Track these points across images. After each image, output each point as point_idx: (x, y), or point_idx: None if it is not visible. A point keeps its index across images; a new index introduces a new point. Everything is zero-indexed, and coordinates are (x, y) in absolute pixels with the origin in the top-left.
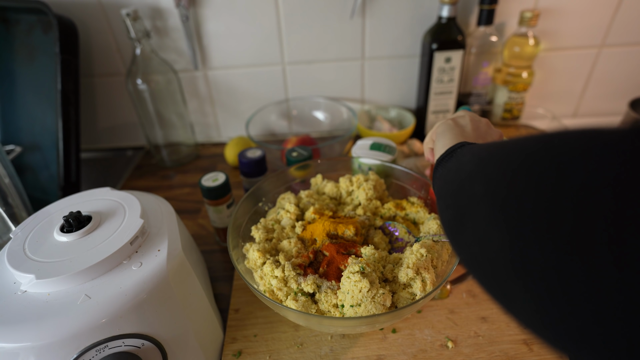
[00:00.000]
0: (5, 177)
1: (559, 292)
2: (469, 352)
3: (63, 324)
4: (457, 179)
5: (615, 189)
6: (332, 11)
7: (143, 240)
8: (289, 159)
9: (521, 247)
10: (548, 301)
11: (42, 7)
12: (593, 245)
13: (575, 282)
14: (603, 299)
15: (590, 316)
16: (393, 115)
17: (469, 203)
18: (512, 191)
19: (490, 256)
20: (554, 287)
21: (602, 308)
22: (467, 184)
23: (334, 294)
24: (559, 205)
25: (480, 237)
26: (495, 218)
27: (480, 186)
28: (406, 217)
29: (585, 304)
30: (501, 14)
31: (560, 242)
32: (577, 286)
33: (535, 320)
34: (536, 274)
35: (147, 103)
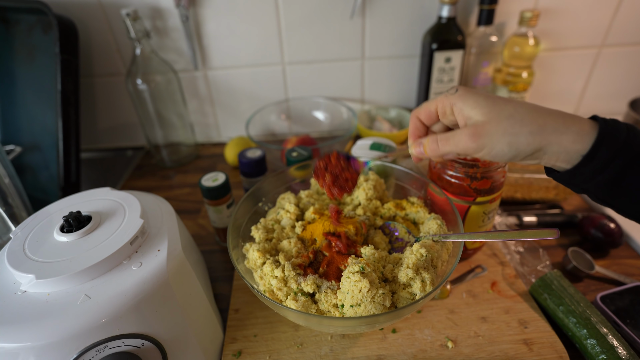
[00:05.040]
0: (5, 177)
1: None
2: (469, 352)
3: (63, 324)
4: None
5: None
6: (332, 11)
7: (143, 240)
8: (289, 159)
9: None
10: None
11: (42, 7)
12: None
13: None
14: None
15: None
16: (393, 115)
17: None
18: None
19: None
20: None
21: None
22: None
23: (333, 294)
24: None
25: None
26: None
27: None
28: (406, 217)
29: None
30: (501, 14)
31: None
32: None
33: None
34: None
35: (147, 103)
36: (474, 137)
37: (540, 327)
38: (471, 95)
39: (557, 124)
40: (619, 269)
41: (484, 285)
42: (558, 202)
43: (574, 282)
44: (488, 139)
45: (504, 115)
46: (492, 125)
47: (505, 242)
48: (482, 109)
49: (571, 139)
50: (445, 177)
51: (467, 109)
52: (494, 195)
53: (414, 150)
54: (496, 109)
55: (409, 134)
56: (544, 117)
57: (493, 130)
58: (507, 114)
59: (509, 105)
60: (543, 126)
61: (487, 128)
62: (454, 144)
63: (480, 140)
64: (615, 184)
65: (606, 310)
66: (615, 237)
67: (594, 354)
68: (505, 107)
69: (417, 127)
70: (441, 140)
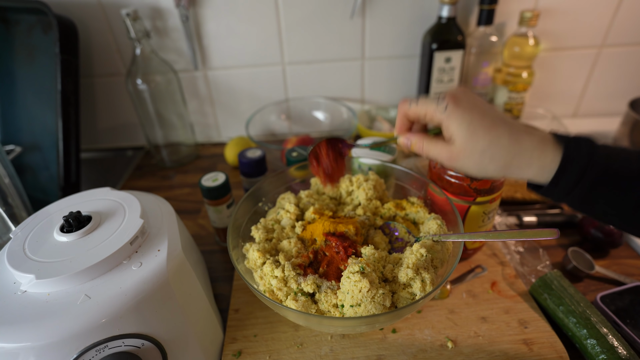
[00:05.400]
0: (5, 177)
1: None
2: (469, 352)
3: (63, 324)
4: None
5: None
6: (332, 11)
7: (143, 240)
8: (289, 159)
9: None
10: None
11: (42, 7)
12: None
13: None
14: None
15: None
16: (393, 115)
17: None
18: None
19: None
20: None
21: None
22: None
23: (333, 294)
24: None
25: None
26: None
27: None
28: (406, 217)
29: None
30: (501, 14)
31: None
32: None
33: None
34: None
35: (147, 103)
36: (450, 160)
37: (540, 327)
38: (456, 118)
39: (522, 162)
40: (619, 269)
41: (484, 285)
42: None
43: (574, 282)
44: (461, 163)
45: (477, 150)
46: (465, 155)
47: (505, 242)
48: (462, 136)
49: (535, 172)
50: (445, 177)
51: (451, 130)
52: (494, 195)
53: (402, 142)
54: (473, 140)
55: (396, 125)
56: (512, 154)
57: (466, 158)
58: (481, 149)
59: (486, 139)
60: (508, 165)
61: (461, 156)
62: (435, 153)
63: (454, 162)
64: (587, 198)
65: (606, 310)
66: (615, 237)
67: (594, 354)
68: (481, 141)
69: (404, 123)
70: (426, 145)
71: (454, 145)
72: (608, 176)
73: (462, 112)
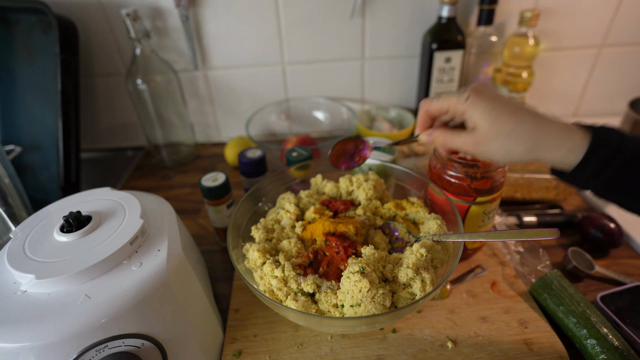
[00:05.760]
0: (5, 177)
1: None
2: (469, 352)
3: (63, 324)
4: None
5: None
6: (332, 11)
7: (143, 240)
8: (289, 159)
9: None
10: None
11: (42, 7)
12: None
13: None
14: None
15: None
16: (393, 115)
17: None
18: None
19: None
20: None
21: None
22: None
23: (334, 294)
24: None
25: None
26: None
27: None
28: (406, 217)
29: None
30: (501, 14)
31: None
32: None
33: None
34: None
35: (147, 103)
36: (475, 145)
37: (540, 327)
38: (479, 106)
39: (551, 142)
40: (619, 269)
41: (484, 285)
42: (558, 202)
43: (574, 282)
44: (487, 147)
45: (503, 132)
46: (491, 139)
47: (505, 242)
48: (486, 122)
49: (563, 153)
50: (445, 177)
51: (475, 117)
52: (494, 195)
53: (424, 139)
54: (497, 124)
55: (418, 124)
56: (540, 135)
57: (492, 142)
58: (506, 132)
59: (511, 121)
60: (536, 145)
61: (486, 140)
62: (459, 144)
63: (480, 148)
64: (612, 186)
65: (606, 310)
66: (615, 237)
67: (594, 354)
68: (506, 124)
69: (425, 121)
70: (450, 138)
71: (479, 132)
72: (637, 162)
73: (484, 101)
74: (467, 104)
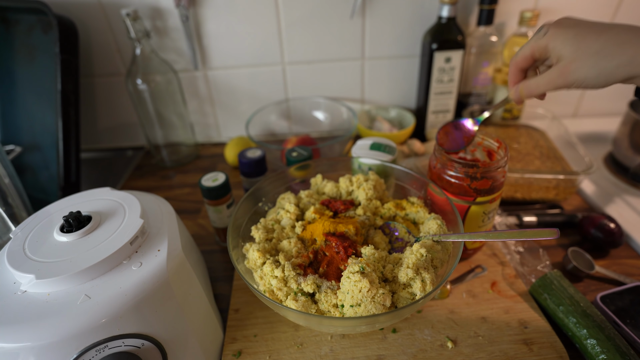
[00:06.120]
0: (5, 177)
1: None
2: (469, 352)
3: (63, 324)
4: None
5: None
6: (332, 11)
7: (143, 240)
8: (289, 159)
9: None
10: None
11: (42, 7)
12: None
13: None
14: None
15: None
16: (393, 115)
17: None
18: None
19: None
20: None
21: None
22: None
23: (334, 294)
24: None
25: None
26: None
27: None
28: (406, 217)
29: None
30: (501, 14)
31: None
32: None
33: None
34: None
35: (147, 103)
36: (563, 75)
37: (540, 327)
38: (560, 34)
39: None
40: (619, 269)
41: (484, 285)
42: (558, 202)
43: (574, 282)
44: (577, 74)
45: (591, 52)
46: (579, 62)
47: (505, 242)
48: (571, 47)
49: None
50: (445, 177)
51: (558, 48)
52: (494, 195)
53: (513, 95)
54: (583, 46)
55: (509, 81)
56: (635, 48)
57: (580, 66)
58: (594, 51)
59: (598, 41)
60: (633, 58)
61: (574, 65)
62: (546, 82)
63: (569, 76)
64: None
65: (606, 310)
66: (615, 237)
67: (594, 354)
68: (593, 44)
69: (515, 75)
70: (533, 81)
71: (564, 60)
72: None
73: (564, 28)
74: (547, 37)
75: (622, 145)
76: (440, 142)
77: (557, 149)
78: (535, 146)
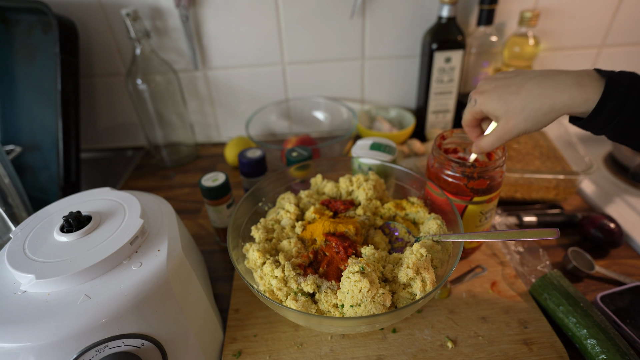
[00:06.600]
0: (5, 177)
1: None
2: (469, 352)
3: (63, 324)
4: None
5: None
6: (332, 11)
7: (143, 240)
8: (289, 159)
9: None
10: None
11: (42, 7)
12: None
13: None
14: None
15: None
16: (393, 115)
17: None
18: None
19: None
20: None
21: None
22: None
23: (334, 294)
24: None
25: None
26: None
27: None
28: (406, 217)
29: None
30: (501, 14)
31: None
32: None
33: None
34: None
35: (147, 103)
36: (508, 132)
37: (540, 327)
38: (487, 100)
39: (565, 99)
40: (619, 269)
41: (484, 285)
42: (558, 202)
43: (574, 282)
44: (518, 129)
45: (518, 111)
46: (514, 120)
47: (505, 242)
48: (501, 109)
49: (579, 104)
50: (443, 177)
51: (492, 111)
52: (491, 195)
53: (475, 150)
54: (510, 107)
55: (471, 139)
56: (552, 98)
57: (516, 122)
58: (520, 109)
59: (519, 99)
60: (552, 105)
61: (511, 123)
62: (497, 139)
63: (513, 131)
64: (626, 129)
65: (606, 310)
66: (615, 237)
67: (594, 354)
68: (517, 103)
69: (471, 133)
70: (484, 141)
71: (502, 119)
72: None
73: (487, 96)
74: (478, 104)
75: (622, 146)
76: None
77: (557, 149)
78: (535, 146)
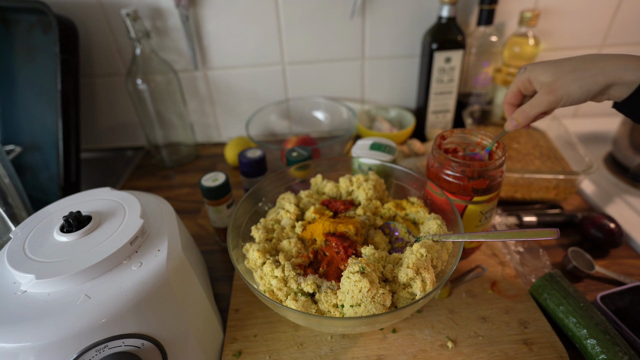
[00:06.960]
0: (5, 177)
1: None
2: (469, 352)
3: (63, 324)
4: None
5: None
6: (332, 11)
7: (143, 240)
8: (289, 159)
9: None
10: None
11: (42, 7)
12: None
13: None
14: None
15: None
16: (393, 115)
17: None
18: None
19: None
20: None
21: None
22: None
23: (334, 294)
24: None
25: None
26: None
27: None
28: (406, 217)
29: None
30: (501, 14)
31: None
32: None
33: None
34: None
35: (147, 103)
36: (552, 92)
37: (540, 327)
38: (538, 67)
39: (618, 63)
40: (619, 269)
41: (484, 285)
42: (558, 202)
43: (574, 282)
44: (562, 90)
45: (568, 70)
46: (562, 80)
47: (505, 242)
48: (550, 72)
49: (635, 72)
50: (443, 176)
51: (540, 77)
52: (491, 195)
53: (509, 126)
54: (560, 68)
55: (506, 116)
56: (605, 61)
57: (563, 82)
58: (570, 69)
59: (571, 62)
60: (603, 68)
61: (558, 83)
62: (538, 103)
63: (557, 92)
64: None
65: (606, 310)
66: (615, 237)
67: (594, 354)
68: (567, 64)
69: (509, 111)
70: (525, 107)
71: (548, 83)
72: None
73: (539, 64)
74: (527, 71)
75: (622, 145)
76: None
77: (557, 149)
78: (535, 146)
